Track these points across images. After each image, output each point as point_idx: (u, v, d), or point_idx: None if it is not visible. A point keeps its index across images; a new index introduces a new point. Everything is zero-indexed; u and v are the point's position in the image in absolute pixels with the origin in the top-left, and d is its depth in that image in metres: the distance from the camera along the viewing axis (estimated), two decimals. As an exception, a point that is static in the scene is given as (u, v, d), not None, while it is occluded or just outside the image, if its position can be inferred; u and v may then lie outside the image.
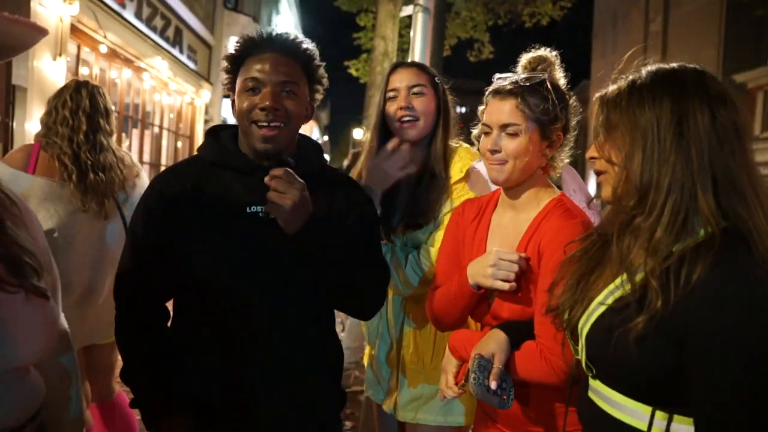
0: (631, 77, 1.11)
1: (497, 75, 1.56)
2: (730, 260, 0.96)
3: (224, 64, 1.53)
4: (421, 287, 1.85)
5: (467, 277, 1.48)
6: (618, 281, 1.07)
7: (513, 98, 1.47)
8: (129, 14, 9.00)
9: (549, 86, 1.49)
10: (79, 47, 7.76)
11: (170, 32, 11.19)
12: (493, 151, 1.48)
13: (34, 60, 6.40)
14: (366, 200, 1.63)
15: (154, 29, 10.24)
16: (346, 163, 5.76)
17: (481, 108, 1.57)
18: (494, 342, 1.39)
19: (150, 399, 1.46)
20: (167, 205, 1.46)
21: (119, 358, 2.53)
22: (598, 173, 1.15)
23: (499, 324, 1.46)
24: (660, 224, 1.01)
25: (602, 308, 1.08)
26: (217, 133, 1.58)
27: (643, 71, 1.10)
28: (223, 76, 1.56)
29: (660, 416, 1.03)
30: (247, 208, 1.44)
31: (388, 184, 1.90)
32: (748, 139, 1.06)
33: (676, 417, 1.02)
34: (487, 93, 1.54)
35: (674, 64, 1.11)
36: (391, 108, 1.92)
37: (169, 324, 1.56)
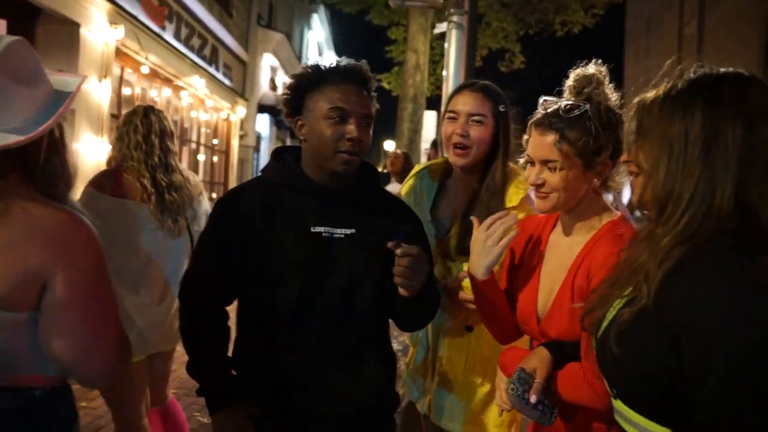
0: (670, 83, 1.06)
1: (542, 98, 1.53)
2: (733, 260, 0.92)
3: (292, 82, 1.57)
4: None
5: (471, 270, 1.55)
6: (629, 290, 1.03)
7: (552, 133, 1.43)
8: (169, 35, 9.31)
9: (591, 115, 1.42)
10: (122, 68, 8.06)
11: (207, 51, 11.50)
12: (537, 186, 1.48)
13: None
14: (419, 223, 1.72)
15: (191, 49, 10.54)
16: (381, 168, 5.89)
17: (525, 137, 1.56)
18: (537, 358, 1.40)
19: (214, 385, 1.56)
20: (235, 223, 1.55)
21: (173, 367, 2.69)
22: (632, 175, 1.13)
23: (545, 342, 1.46)
24: (671, 234, 0.98)
25: (614, 308, 1.06)
26: (281, 155, 1.66)
27: (684, 77, 1.05)
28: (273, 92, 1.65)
29: None
30: (311, 228, 1.52)
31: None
32: None
33: None
34: (529, 123, 1.52)
35: (719, 70, 1.05)
36: (448, 129, 1.94)
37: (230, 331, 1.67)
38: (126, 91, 8.41)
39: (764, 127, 0.97)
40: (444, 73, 3.42)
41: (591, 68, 1.52)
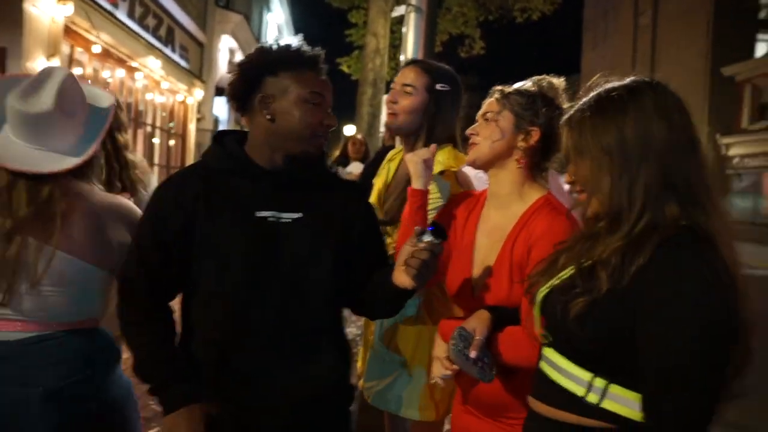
0: (593, 98, 1.16)
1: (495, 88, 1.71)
2: (689, 243, 1.05)
3: (262, 57, 1.52)
4: None
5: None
6: (570, 267, 1.18)
7: (497, 93, 1.65)
8: (122, 14, 9.01)
9: (538, 94, 1.63)
10: (72, 47, 7.77)
11: (162, 31, 11.19)
12: (471, 134, 1.66)
13: (27, 61, 6.43)
14: (370, 206, 1.72)
15: (146, 28, 10.24)
16: (339, 152, 5.82)
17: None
18: (476, 319, 1.47)
19: (166, 385, 1.47)
20: (174, 211, 1.49)
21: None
22: (577, 193, 1.24)
23: (485, 308, 1.53)
24: (624, 227, 1.10)
25: (550, 285, 1.20)
26: (221, 139, 1.61)
27: (602, 91, 1.15)
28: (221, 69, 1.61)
29: (599, 383, 1.11)
30: (256, 213, 1.49)
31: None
32: (699, 145, 1.12)
33: (613, 385, 1.10)
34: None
35: (629, 79, 1.16)
36: (388, 98, 2.09)
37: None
38: (77, 70, 8.12)
39: (680, 122, 1.10)
40: (402, 57, 3.40)
41: (554, 80, 1.79)
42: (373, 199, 2.14)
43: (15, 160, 1.52)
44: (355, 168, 4.97)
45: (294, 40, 1.55)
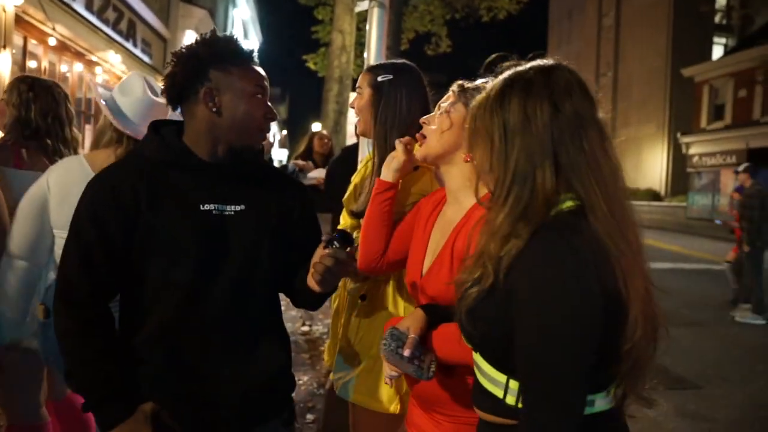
0: (490, 84, 1.20)
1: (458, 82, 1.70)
2: (556, 231, 1.06)
3: (205, 49, 1.49)
4: None
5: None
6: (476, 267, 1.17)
7: (457, 86, 1.65)
8: (79, 6, 8.74)
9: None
10: (25, 39, 7.51)
11: (123, 25, 10.91)
12: (423, 123, 1.69)
13: (-23, 53, 6.18)
14: (306, 197, 1.72)
15: (106, 22, 9.96)
16: (303, 149, 5.61)
17: None
18: (410, 318, 1.47)
19: (104, 399, 1.42)
20: (120, 205, 1.43)
21: None
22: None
23: (421, 305, 1.54)
24: (502, 212, 1.11)
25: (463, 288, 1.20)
26: (157, 129, 1.55)
27: (500, 77, 1.19)
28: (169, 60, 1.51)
29: (513, 384, 1.12)
30: (201, 206, 1.47)
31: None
32: (592, 125, 1.12)
33: None
34: None
35: (529, 65, 1.18)
36: None
37: (117, 324, 1.53)
38: (31, 63, 7.85)
39: (569, 103, 1.11)
40: (365, 54, 3.36)
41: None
42: (348, 192, 2.16)
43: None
44: (319, 174, 4.86)
45: (230, 34, 1.56)
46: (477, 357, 1.22)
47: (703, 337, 6.28)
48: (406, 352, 1.38)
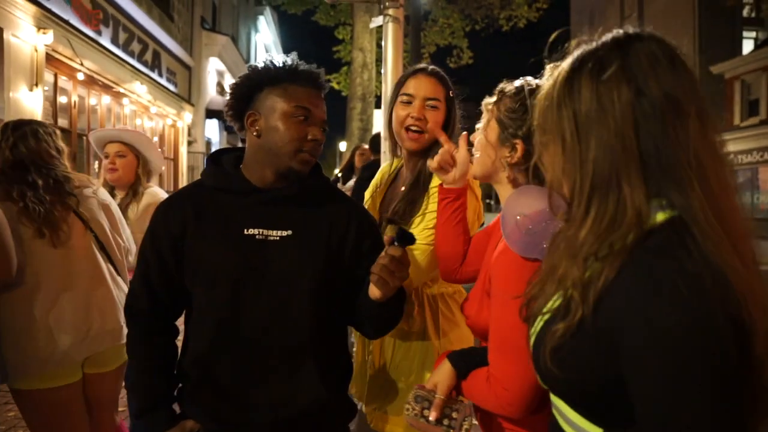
0: (556, 71, 0.96)
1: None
2: (662, 253, 0.81)
3: (248, 75, 1.52)
4: None
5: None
6: (557, 294, 0.94)
7: (495, 95, 1.48)
8: (105, 40, 8.97)
9: (527, 96, 1.40)
10: (56, 76, 7.71)
11: (148, 56, 11.16)
12: (471, 144, 1.56)
13: (10, 91, 6.35)
14: (369, 220, 1.66)
15: (131, 54, 10.20)
16: (336, 173, 5.66)
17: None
18: (439, 373, 1.38)
19: (151, 409, 1.52)
20: (170, 229, 1.51)
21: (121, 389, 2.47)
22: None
23: (450, 353, 1.43)
24: (584, 228, 0.88)
25: (542, 319, 0.97)
26: (218, 157, 1.62)
27: (568, 59, 0.95)
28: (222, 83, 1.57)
29: None
30: (245, 230, 1.47)
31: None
32: (689, 110, 0.85)
33: None
34: None
35: (603, 38, 0.93)
36: (402, 112, 1.88)
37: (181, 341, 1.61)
38: (62, 99, 8.05)
39: (654, 81, 0.86)
40: (383, 70, 3.32)
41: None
42: (367, 201, 2.08)
43: None
44: (348, 187, 4.86)
45: (287, 58, 1.54)
46: (558, 401, 1.00)
47: None
48: (432, 416, 1.28)
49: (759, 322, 0.79)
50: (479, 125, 1.52)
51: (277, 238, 1.47)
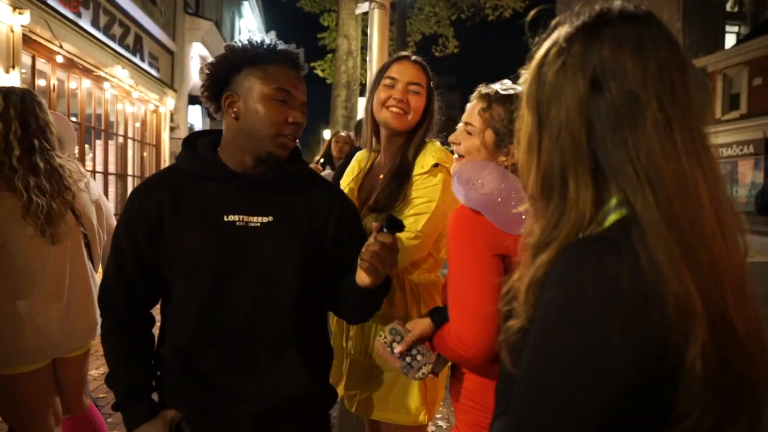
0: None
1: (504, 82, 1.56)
2: (586, 248, 0.76)
3: (224, 55, 1.47)
4: None
5: None
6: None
7: (481, 101, 1.51)
8: (85, 23, 8.78)
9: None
10: (33, 58, 7.53)
11: (130, 40, 10.96)
12: (454, 144, 1.58)
13: (-14, 74, 6.21)
14: (350, 206, 1.64)
15: (112, 38, 10.01)
16: (317, 159, 5.60)
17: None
18: (418, 321, 1.50)
19: (129, 400, 1.49)
20: (146, 216, 1.46)
21: (88, 371, 2.47)
22: None
23: (434, 308, 1.54)
24: (537, 225, 0.83)
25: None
26: (194, 141, 1.56)
27: (545, 42, 0.87)
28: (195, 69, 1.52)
29: None
30: (224, 217, 1.44)
31: None
32: (652, 109, 0.76)
33: None
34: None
35: (581, 17, 0.85)
36: (384, 95, 1.91)
37: (156, 330, 1.58)
38: (40, 82, 7.88)
39: (608, 78, 0.77)
40: (367, 58, 3.29)
41: None
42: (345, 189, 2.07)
43: None
44: (327, 176, 4.82)
45: (266, 38, 1.49)
46: None
47: None
48: (398, 349, 1.39)
49: (698, 339, 0.70)
50: (460, 125, 1.55)
51: (258, 224, 1.44)
